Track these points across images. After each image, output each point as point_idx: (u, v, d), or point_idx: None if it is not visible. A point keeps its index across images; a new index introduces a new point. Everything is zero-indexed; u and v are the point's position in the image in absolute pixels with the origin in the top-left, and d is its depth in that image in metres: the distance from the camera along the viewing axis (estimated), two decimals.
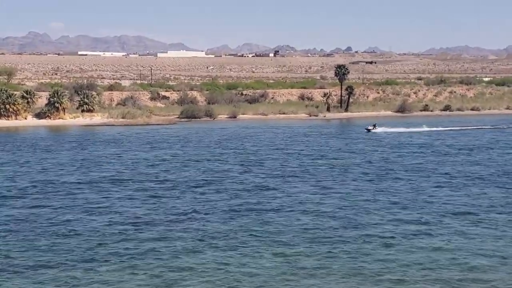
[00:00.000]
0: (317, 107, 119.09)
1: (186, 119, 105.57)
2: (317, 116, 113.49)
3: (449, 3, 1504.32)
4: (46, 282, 24.90)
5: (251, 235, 31.01)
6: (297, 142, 72.41)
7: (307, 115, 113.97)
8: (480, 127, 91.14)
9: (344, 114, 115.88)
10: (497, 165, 54.04)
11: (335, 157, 59.45)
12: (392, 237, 30.65)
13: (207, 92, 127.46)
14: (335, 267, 26.29)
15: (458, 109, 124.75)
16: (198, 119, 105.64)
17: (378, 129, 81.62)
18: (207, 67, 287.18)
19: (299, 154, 61.97)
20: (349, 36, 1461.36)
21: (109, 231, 31.78)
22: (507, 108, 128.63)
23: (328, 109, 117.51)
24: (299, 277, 25.31)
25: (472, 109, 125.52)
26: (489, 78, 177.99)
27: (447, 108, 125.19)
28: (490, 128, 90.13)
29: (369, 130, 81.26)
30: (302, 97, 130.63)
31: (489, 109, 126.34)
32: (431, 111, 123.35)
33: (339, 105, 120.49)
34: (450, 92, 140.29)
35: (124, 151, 64.48)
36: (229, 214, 35.44)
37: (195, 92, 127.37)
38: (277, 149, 66.38)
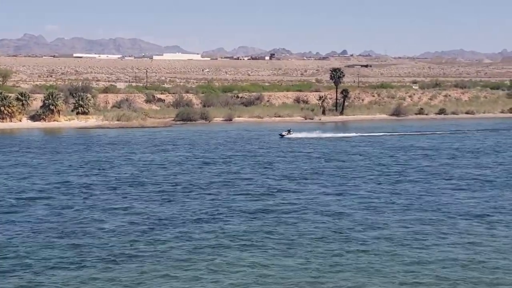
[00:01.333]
0: (312, 110, 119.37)
1: (181, 122, 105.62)
2: (312, 119, 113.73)
3: (444, 7, 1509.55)
4: (66, 281, 25.15)
5: (268, 236, 31.33)
6: (302, 145, 72.57)
7: (302, 118, 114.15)
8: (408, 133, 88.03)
9: (339, 117, 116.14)
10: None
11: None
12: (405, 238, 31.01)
13: (203, 94, 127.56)
14: (350, 269, 26.56)
15: (453, 113, 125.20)
16: (194, 122, 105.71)
17: (293, 135, 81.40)
18: (202, 70, 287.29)
19: (308, 157, 62.12)
20: (344, 40, 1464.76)
21: (129, 231, 32.18)
22: (502, 112, 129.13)
23: (323, 112, 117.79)
24: (315, 278, 25.59)
25: (466, 113, 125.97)
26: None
27: (441, 111, 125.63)
28: (413, 134, 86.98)
29: (282, 136, 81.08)
30: (297, 100, 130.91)
31: (484, 113, 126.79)
32: (426, 114, 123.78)
33: (335, 108, 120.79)
34: (445, 96, 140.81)
35: (132, 153, 64.85)
36: (247, 215, 35.84)
37: (191, 94, 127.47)
38: (282, 151, 66.70)
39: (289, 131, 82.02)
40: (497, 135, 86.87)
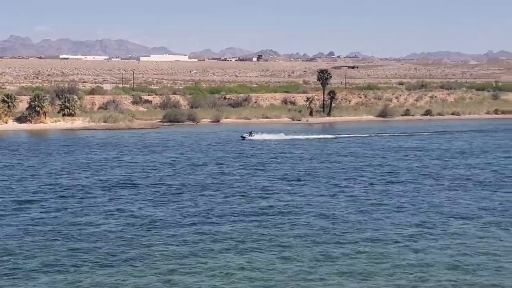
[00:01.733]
0: (299, 111, 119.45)
1: (168, 123, 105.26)
2: (300, 120, 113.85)
3: (430, 9, 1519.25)
4: (59, 284, 25.10)
5: (262, 238, 31.41)
6: (294, 146, 72.54)
7: (290, 120, 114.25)
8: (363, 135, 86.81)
9: (327, 119, 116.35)
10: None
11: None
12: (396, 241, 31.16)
13: (190, 96, 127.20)
14: (343, 271, 26.70)
15: (439, 114, 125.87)
16: (181, 123, 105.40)
17: (255, 136, 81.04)
18: (190, 71, 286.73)
19: (300, 158, 62.06)
20: (331, 41, 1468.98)
21: (123, 234, 32.17)
22: (487, 113, 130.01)
23: (310, 114, 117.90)
24: (308, 281, 25.64)
25: (452, 114, 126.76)
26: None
27: (427, 112, 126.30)
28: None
29: (244, 138, 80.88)
30: (285, 102, 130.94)
31: (469, 114, 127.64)
32: (412, 115, 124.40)
33: (322, 109, 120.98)
34: (431, 97, 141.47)
35: (122, 154, 64.75)
36: (240, 217, 35.90)
37: (178, 96, 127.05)
38: (274, 152, 66.68)
39: (250, 133, 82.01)
40: (484, 136, 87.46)
